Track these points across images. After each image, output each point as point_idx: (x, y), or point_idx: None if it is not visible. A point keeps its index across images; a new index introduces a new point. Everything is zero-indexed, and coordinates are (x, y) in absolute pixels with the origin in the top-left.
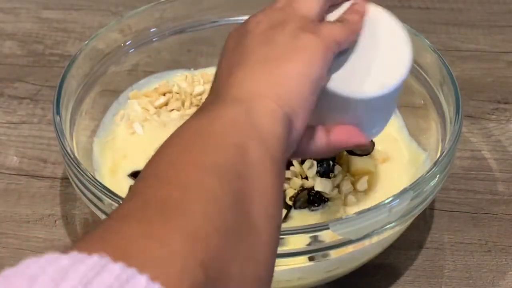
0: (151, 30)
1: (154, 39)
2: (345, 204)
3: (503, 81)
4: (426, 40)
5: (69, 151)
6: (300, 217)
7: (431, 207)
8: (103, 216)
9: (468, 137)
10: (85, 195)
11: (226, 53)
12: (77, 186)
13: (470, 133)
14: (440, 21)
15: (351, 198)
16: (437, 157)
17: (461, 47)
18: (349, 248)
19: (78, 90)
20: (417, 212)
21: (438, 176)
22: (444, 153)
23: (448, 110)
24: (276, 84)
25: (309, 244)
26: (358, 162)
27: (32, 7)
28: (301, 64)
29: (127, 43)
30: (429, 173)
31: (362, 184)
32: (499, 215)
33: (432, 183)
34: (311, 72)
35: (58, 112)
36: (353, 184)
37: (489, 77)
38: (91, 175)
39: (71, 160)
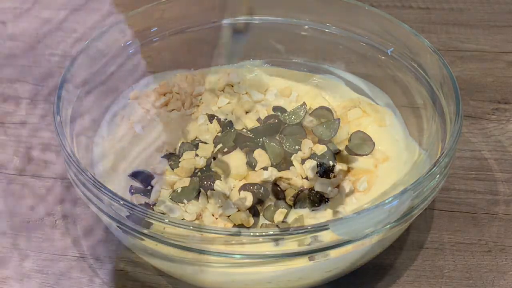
0: (152, 30)
1: (154, 39)
2: (345, 204)
3: (503, 81)
4: (426, 40)
5: (69, 151)
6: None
7: (431, 207)
8: (103, 216)
9: (468, 137)
10: (85, 195)
11: None
12: (77, 186)
13: (470, 133)
14: (440, 21)
15: (351, 198)
16: (437, 157)
17: (461, 47)
18: (349, 248)
19: (78, 90)
20: (417, 212)
21: (438, 176)
22: (444, 153)
23: (448, 110)
24: None
25: (309, 244)
26: (358, 162)
27: (32, 7)
28: None
29: (127, 43)
30: (429, 173)
31: (362, 184)
32: (499, 215)
33: (432, 183)
34: None
35: (58, 112)
36: (353, 184)
37: (489, 77)
38: (91, 175)
39: (71, 160)
